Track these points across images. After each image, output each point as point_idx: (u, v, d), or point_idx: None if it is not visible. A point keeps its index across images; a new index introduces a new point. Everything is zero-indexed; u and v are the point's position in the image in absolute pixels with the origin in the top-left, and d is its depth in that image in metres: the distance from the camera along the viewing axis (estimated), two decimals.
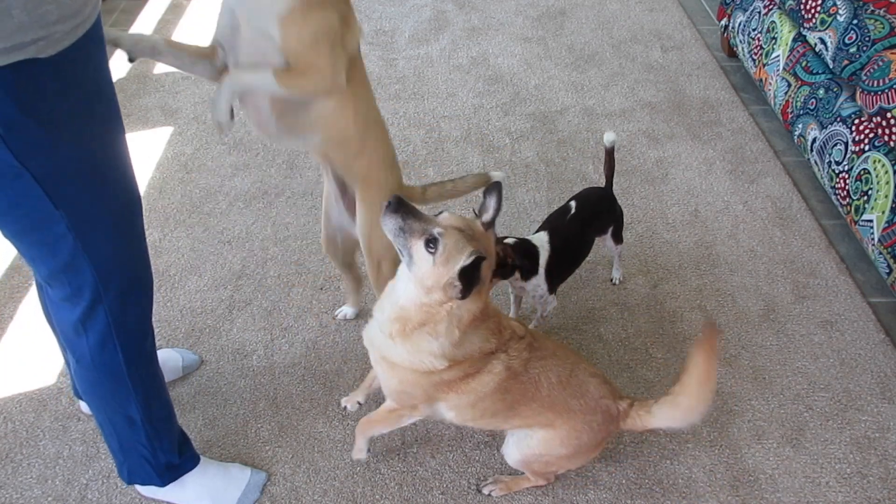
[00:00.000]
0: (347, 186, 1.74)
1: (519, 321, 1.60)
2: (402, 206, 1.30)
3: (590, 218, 2.06)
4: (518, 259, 1.85)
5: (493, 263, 1.41)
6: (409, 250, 1.31)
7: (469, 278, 1.27)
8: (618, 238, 2.20)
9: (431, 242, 1.28)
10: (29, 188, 1.13)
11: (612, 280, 2.33)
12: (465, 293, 1.28)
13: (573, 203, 2.05)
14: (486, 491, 1.76)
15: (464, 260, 1.27)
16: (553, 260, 1.92)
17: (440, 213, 1.37)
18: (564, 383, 1.56)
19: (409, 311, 1.39)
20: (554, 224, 2.01)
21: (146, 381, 1.50)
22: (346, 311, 2.19)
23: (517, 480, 1.76)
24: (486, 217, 1.38)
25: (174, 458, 1.63)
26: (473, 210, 2.05)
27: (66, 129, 1.13)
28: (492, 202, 1.38)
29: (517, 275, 1.89)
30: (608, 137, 2.10)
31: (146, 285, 1.44)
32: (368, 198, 1.69)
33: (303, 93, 1.46)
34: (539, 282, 1.93)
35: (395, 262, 1.78)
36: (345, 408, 1.92)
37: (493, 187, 1.38)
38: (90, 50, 1.16)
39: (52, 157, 1.13)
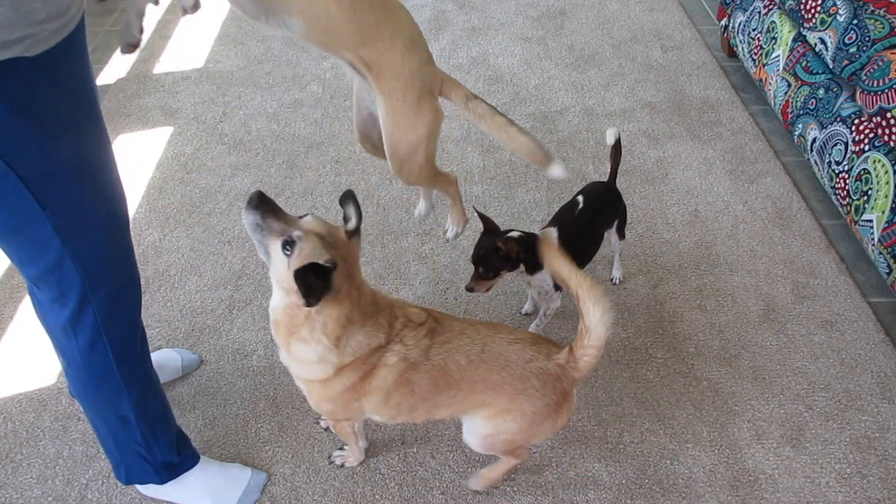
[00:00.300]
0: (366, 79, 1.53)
1: (419, 307, 1.53)
2: (262, 203, 1.28)
3: (597, 212, 2.07)
4: (522, 253, 1.85)
5: (354, 273, 1.37)
6: (268, 249, 1.30)
7: (306, 285, 1.23)
8: (621, 233, 2.20)
9: (289, 244, 1.27)
10: (15, 188, 1.13)
11: (612, 280, 2.33)
12: (307, 300, 1.25)
13: (580, 197, 2.06)
14: (473, 487, 1.76)
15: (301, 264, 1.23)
16: None
17: (305, 215, 1.35)
18: (477, 361, 1.48)
19: (278, 313, 1.39)
20: (562, 219, 2.02)
21: (138, 380, 1.50)
22: (420, 207, 2.06)
23: (493, 469, 1.74)
24: (350, 226, 1.37)
25: (173, 457, 1.63)
26: (475, 208, 2.04)
27: (52, 130, 1.13)
28: (351, 211, 1.36)
29: (523, 268, 1.90)
30: (611, 133, 2.12)
31: (134, 285, 1.43)
32: (386, 91, 1.48)
33: None
34: (545, 277, 1.93)
35: (424, 165, 1.62)
36: (327, 428, 1.90)
37: (347, 195, 1.36)
38: (74, 52, 1.16)
39: (39, 157, 1.13)
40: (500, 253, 1.84)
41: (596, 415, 1.97)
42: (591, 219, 2.05)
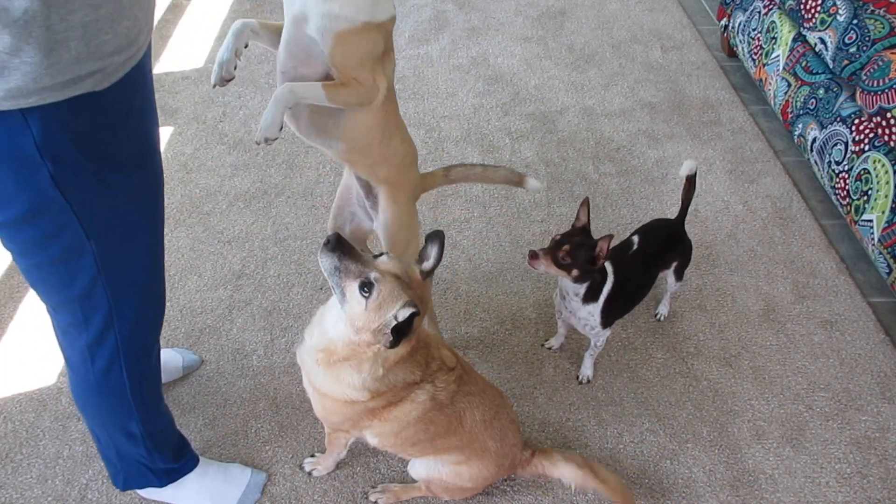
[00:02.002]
0: (372, 187, 1.79)
1: (452, 351, 1.57)
2: (339, 245, 1.27)
3: (656, 253, 1.96)
4: (598, 274, 1.76)
5: (425, 312, 1.38)
6: (343, 289, 1.28)
7: (401, 333, 1.25)
8: (679, 275, 2.11)
9: (366, 286, 1.25)
10: (67, 221, 1.10)
11: (656, 315, 2.23)
12: (394, 344, 1.27)
13: (635, 238, 1.96)
14: (372, 498, 1.75)
15: (398, 310, 1.24)
16: (613, 293, 1.83)
17: (380, 255, 1.33)
18: (487, 423, 1.58)
19: (336, 345, 1.37)
20: (616, 257, 1.89)
21: (147, 399, 1.48)
22: None
23: (407, 490, 1.75)
24: (426, 266, 1.34)
25: (173, 464, 1.63)
26: (588, 199, 2.00)
27: (111, 163, 1.10)
28: (433, 251, 1.34)
29: (578, 297, 1.80)
30: (688, 166, 2.00)
31: (159, 306, 1.41)
32: (393, 198, 1.75)
33: (346, 104, 1.52)
34: (594, 311, 1.84)
35: (415, 254, 1.83)
36: (309, 473, 1.81)
37: (436, 236, 1.34)
38: (141, 81, 1.13)
39: (95, 190, 1.10)
40: (591, 253, 1.69)
41: (596, 415, 1.97)
42: (647, 260, 1.94)
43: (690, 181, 2.04)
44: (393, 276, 1.28)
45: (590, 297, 1.81)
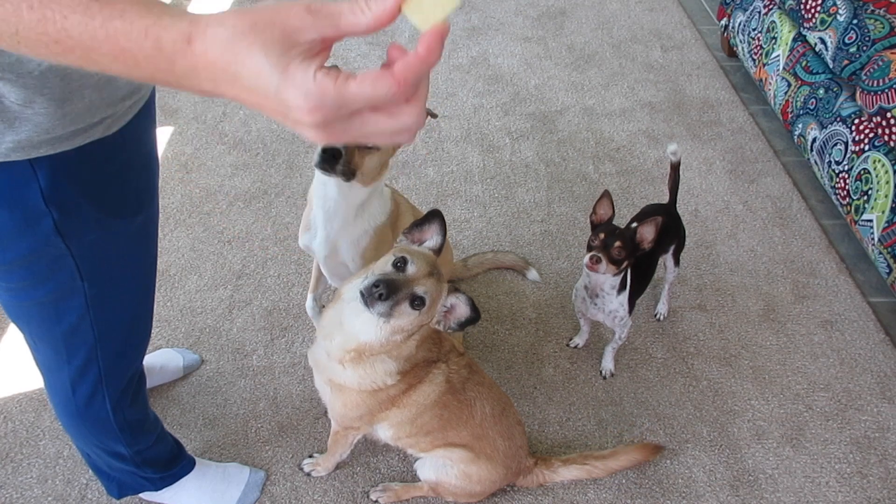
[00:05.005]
0: None
1: (458, 340, 1.60)
2: (388, 287, 1.24)
3: (657, 236, 1.98)
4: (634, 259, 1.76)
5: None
6: (393, 314, 1.28)
7: (469, 320, 1.32)
8: (676, 260, 2.12)
9: (417, 301, 1.26)
10: (64, 264, 1.06)
11: (655, 315, 2.22)
12: (462, 328, 1.34)
13: (635, 225, 1.93)
14: (373, 497, 1.75)
15: (444, 300, 1.32)
16: (633, 279, 1.86)
17: (399, 241, 1.38)
18: (497, 419, 1.60)
19: (373, 346, 1.36)
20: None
21: (133, 422, 1.45)
22: None
23: (408, 489, 1.75)
24: (430, 245, 1.40)
25: (165, 472, 1.62)
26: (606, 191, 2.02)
27: (115, 208, 1.08)
28: (434, 228, 1.40)
29: (614, 290, 1.81)
30: (671, 149, 2.01)
31: (145, 337, 1.38)
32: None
33: None
34: (623, 301, 1.85)
35: None
36: (308, 473, 1.81)
37: (434, 216, 1.39)
38: (146, 120, 1.11)
39: (96, 235, 1.07)
40: (634, 241, 1.71)
41: (596, 415, 1.97)
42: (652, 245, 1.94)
43: (675, 169, 2.05)
44: (428, 276, 1.29)
45: (620, 287, 1.84)
